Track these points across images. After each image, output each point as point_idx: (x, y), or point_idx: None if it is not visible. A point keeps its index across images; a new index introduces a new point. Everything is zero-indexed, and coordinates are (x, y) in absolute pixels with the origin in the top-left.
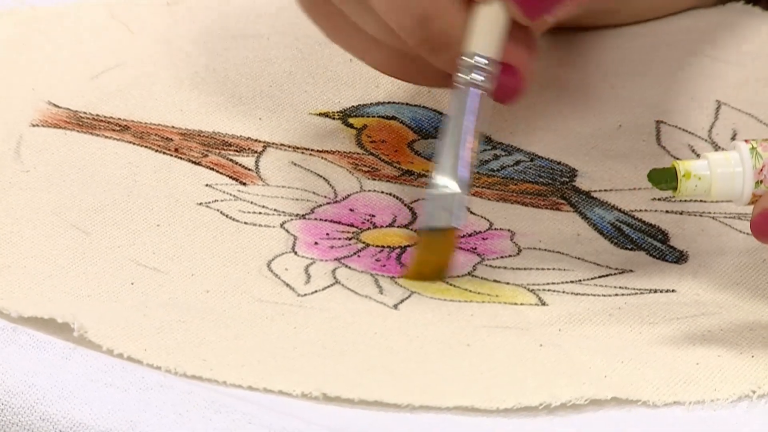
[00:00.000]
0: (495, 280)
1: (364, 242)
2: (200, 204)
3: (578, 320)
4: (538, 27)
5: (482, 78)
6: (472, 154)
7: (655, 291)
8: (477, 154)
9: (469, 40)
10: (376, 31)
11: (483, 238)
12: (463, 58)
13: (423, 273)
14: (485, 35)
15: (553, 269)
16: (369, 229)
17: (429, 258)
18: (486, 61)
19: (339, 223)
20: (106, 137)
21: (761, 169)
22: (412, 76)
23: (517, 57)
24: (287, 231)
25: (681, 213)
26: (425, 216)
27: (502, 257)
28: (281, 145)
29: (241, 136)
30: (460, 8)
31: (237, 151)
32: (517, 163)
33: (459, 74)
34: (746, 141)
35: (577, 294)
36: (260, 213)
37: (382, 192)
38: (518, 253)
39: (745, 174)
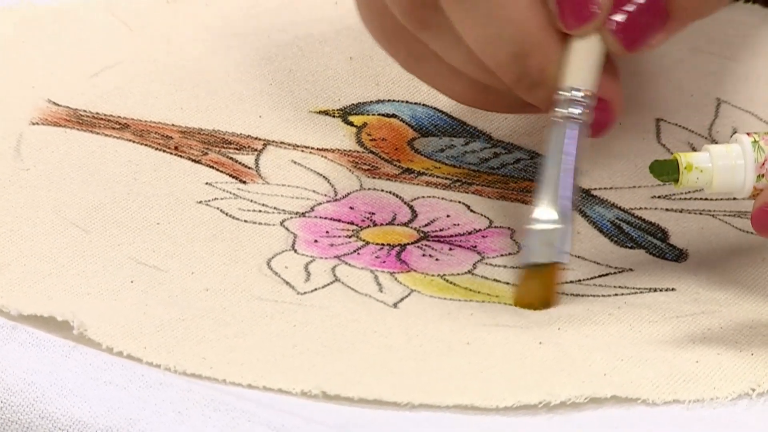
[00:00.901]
0: (495, 279)
1: (364, 240)
2: (200, 202)
3: (578, 319)
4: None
5: (579, 111)
6: (573, 187)
7: (655, 290)
8: (578, 188)
9: (565, 74)
10: (462, 64)
11: (483, 236)
12: (561, 92)
13: (526, 305)
14: (582, 68)
15: None
16: (369, 227)
17: (533, 292)
18: (583, 95)
19: (339, 221)
20: (106, 135)
21: (763, 163)
22: (491, 105)
23: (608, 89)
24: (287, 229)
25: (681, 211)
26: (528, 251)
27: (502, 255)
28: (281, 143)
29: (241, 134)
30: (557, 43)
31: (237, 149)
32: (517, 161)
33: (557, 108)
34: (748, 134)
35: (577, 293)
36: (260, 211)
37: (382, 190)
38: (518, 251)
39: (746, 167)
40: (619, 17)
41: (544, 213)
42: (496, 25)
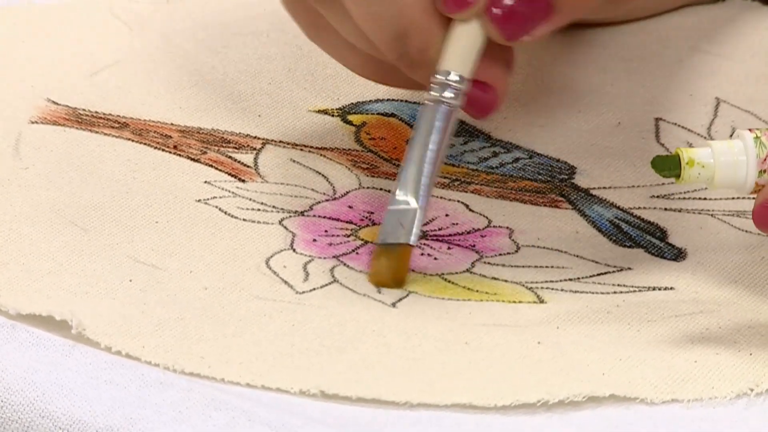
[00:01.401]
0: (493, 278)
1: (362, 239)
2: (199, 201)
3: (576, 318)
4: (516, 45)
5: (452, 95)
6: (435, 170)
7: (654, 289)
8: (439, 171)
9: (443, 58)
10: (353, 38)
11: (482, 236)
12: (436, 75)
13: (379, 284)
14: (460, 54)
15: (552, 267)
16: (368, 226)
17: (385, 270)
18: (457, 79)
19: (338, 220)
20: (105, 134)
21: (765, 158)
22: (389, 79)
23: (493, 75)
24: (286, 228)
25: (680, 210)
26: (383, 230)
27: (500, 255)
28: (280, 142)
29: (240, 133)
30: (438, 25)
31: (236, 148)
32: (516, 160)
33: (431, 91)
34: (750, 130)
35: (575, 292)
36: (259, 210)
37: (381, 189)
38: (517, 251)
39: (748, 163)
40: (498, 7)
41: (402, 194)
42: (379, 3)
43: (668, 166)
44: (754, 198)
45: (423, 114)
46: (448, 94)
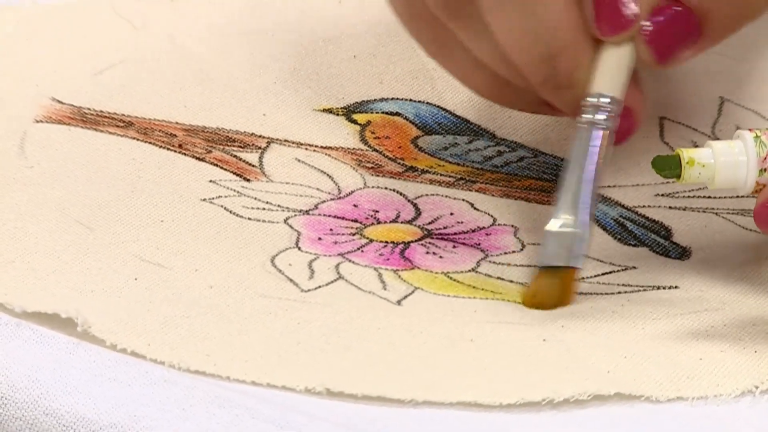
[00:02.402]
0: (499, 277)
1: (367, 238)
2: (204, 200)
3: (582, 316)
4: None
5: (605, 117)
6: (594, 193)
7: (659, 287)
8: (600, 193)
9: (594, 80)
10: (488, 57)
11: (487, 234)
12: (588, 98)
13: (536, 306)
14: (611, 76)
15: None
16: (373, 224)
17: (544, 293)
18: (609, 101)
19: (343, 218)
20: (110, 133)
21: (765, 158)
22: (515, 102)
23: (632, 98)
24: (291, 227)
25: (684, 209)
26: (544, 253)
27: (505, 253)
28: (285, 141)
29: (245, 132)
30: (588, 48)
31: (241, 147)
32: (521, 159)
33: (583, 114)
34: (750, 130)
35: (580, 291)
36: (264, 209)
37: (386, 188)
38: (522, 249)
39: (748, 163)
40: (653, 27)
41: (563, 217)
42: (529, 22)
43: (669, 165)
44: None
45: (578, 137)
46: (601, 116)
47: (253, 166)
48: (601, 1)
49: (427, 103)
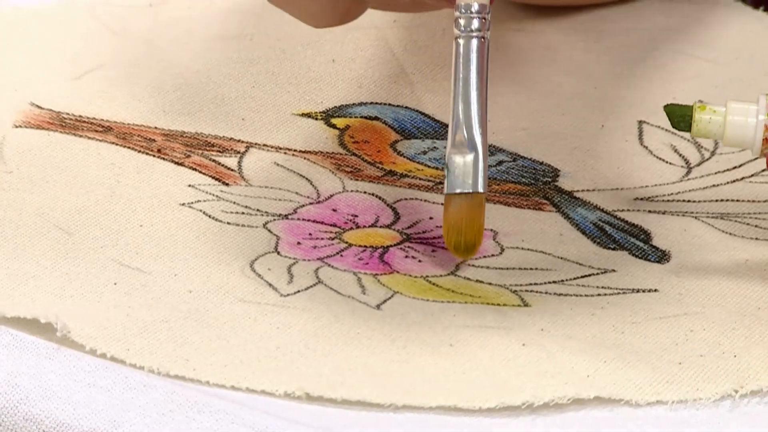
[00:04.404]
0: (478, 281)
1: (346, 242)
2: (183, 204)
3: (561, 320)
4: None
5: (478, 27)
6: (485, 107)
7: (638, 291)
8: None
9: None
10: None
11: None
12: (457, 12)
13: (454, 237)
14: None
15: (536, 269)
16: (352, 229)
17: (459, 222)
18: (478, 8)
19: (322, 223)
20: (89, 138)
21: None
22: (350, 16)
23: None
24: (270, 231)
25: (663, 213)
26: (449, 179)
27: (484, 257)
28: (264, 145)
29: (224, 136)
30: None
31: (220, 151)
32: (500, 163)
33: (456, 28)
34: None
35: (559, 294)
36: (243, 213)
37: (365, 192)
38: (501, 253)
39: (759, 109)
40: None
41: (459, 142)
42: None
43: (680, 109)
44: (740, 200)
45: (456, 54)
46: (475, 25)
47: (232, 170)
48: None
49: (406, 107)
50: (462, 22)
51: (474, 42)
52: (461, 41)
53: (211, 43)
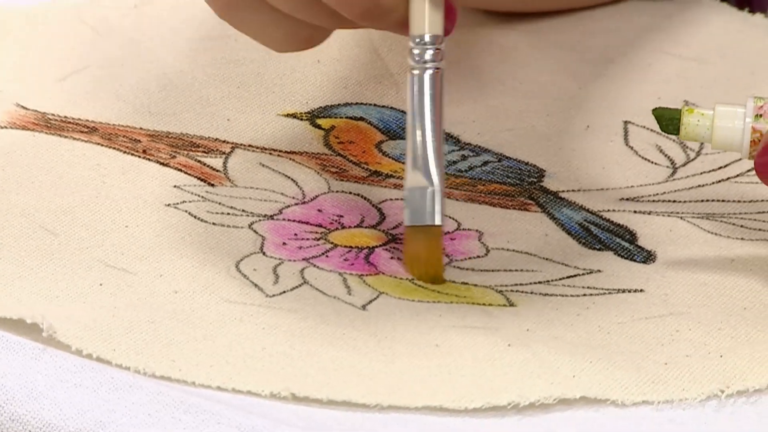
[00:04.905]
0: (463, 282)
1: (332, 243)
2: (168, 205)
3: (547, 320)
4: None
5: (432, 57)
6: (440, 139)
7: (624, 291)
8: (444, 138)
9: (413, 22)
10: (289, 6)
11: (451, 239)
12: (412, 43)
13: (416, 270)
14: (429, 13)
15: (522, 270)
16: (337, 229)
17: (418, 254)
18: (431, 39)
19: (307, 223)
20: (75, 139)
21: (761, 106)
22: (313, 42)
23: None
24: (255, 231)
25: (649, 213)
26: (407, 214)
27: (470, 258)
28: (249, 146)
29: (209, 137)
30: None
31: (205, 152)
32: (485, 163)
33: (411, 60)
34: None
35: (545, 295)
36: (228, 214)
37: (350, 193)
38: (486, 254)
39: (746, 112)
40: None
41: (416, 174)
42: None
43: (668, 112)
44: (726, 201)
45: (411, 84)
46: (429, 57)
47: (218, 171)
48: None
49: (391, 107)
50: (416, 52)
51: (428, 73)
52: (415, 72)
53: (196, 44)
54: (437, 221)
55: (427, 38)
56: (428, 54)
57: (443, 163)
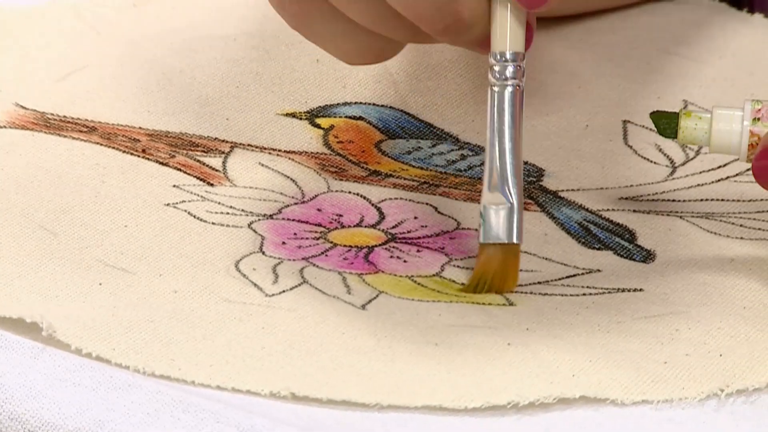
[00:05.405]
0: (463, 283)
1: (331, 242)
2: (168, 205)
3: (546, 320)
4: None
5: (513, 75)
6: (519, 156)
7: (623, 290)
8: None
9: (495, 38)
10: (368, 19)
11: (451, 238)
12: (493, 59)
13: (485, 288)
14: (511, 29)
15: (521, 269)
16: (337, 228)
17: (494, 274)
18: (513, 56)
19: (306, 223)
20: (74, 138)
21: (759, 109)
22: (386, 56)
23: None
24: (255, 231)
25: (648, 212)
26: (484, 230)
27: (470, 257)
28: (248, 145)
29: (208, 136)
30: None
31: (204, 151)
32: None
33: (491, 76)
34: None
35: (544, 294)
36: (228, 213)
37: (350, 192)
38: None
39: (744, 115)
40: None
41: (495, 191)
42: None
43: (666, 115)
44: (725, 200)
45: (492, 102)
46: (509, 74)
47: (217, 170)
48: None
49: (391, 107)
50: (497, 69)
51: (508, 90)
52: (496, 89)
53: (195, 44)
54: (516, 239)
55: (508, 55)
56: (509, 71)
57: (522, 181)
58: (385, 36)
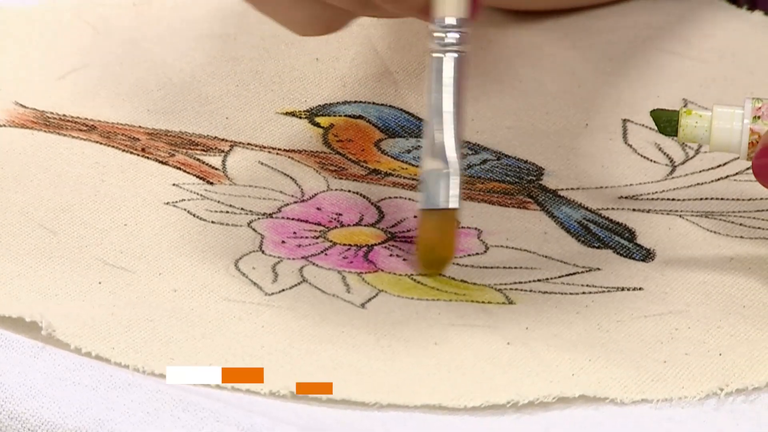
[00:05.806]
0: (462, 281)
1: (331, 241)
2: (167, 203)
3: (546, 318)
4: None
5: (456, 41)
6: (461, 122)
7: (623, 289)
8: (464, 120)
9: (437, 6)
10: None
11: None
12: (433, 25)
13: (429, 255)
14: None
15: (521, 268)
16: (336, 227)
17: (432, 238)
18: (456, 22)
19: (306, 221)
20: (73, 137)
21: (759, 107)
22: (337, 26)
23: None
24: (254, 230)
25: (648, 211)
26: (423, 196)
27: (469, 255)
28: (248, 144)
29: (208, 135)
30: None
31: (204, 150)
32: (484, 162)
33: (433, 43)
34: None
35: (544, 293)
36: (227, 212)
37: (349, 191)
38: (485, 251)
39: (744, 113)
40: None
41: (434, 157)
42: None
43: (666, 114)
44: (725, 199)
45: (433, 68)
46: (451, 41)
47: (216, 169)
48: None
49: (390, 106)
50: (437, 35)
51: (449, 56)
52: (435, 56)
53: (194, 43)
54: (452, 204)
55: (450, 21)
56: (450, 37)
57: (462, 148)
58: (333, 5)
